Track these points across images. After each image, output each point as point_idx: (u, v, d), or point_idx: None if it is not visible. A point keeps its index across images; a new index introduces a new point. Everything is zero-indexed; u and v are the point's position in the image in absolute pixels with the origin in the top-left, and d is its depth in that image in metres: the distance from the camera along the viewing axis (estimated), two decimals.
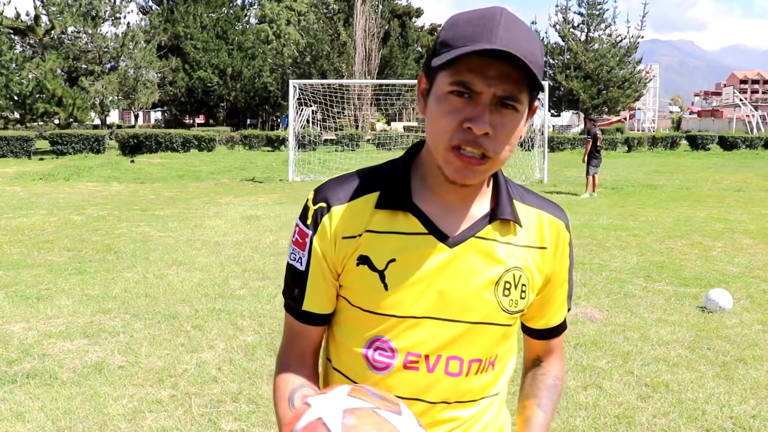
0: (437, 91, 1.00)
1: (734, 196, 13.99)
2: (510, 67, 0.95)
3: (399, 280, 1.05)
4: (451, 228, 1.07)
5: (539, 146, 17.98)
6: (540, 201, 1.17)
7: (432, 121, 1.01)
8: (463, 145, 0.98)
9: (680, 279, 6.57)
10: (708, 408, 3.62)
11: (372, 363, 1.08)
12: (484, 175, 1.02)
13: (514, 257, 1.09)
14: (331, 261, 1.09)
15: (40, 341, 4.55)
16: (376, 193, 1.08)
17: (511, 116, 0.99)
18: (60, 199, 12.15)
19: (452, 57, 0.94)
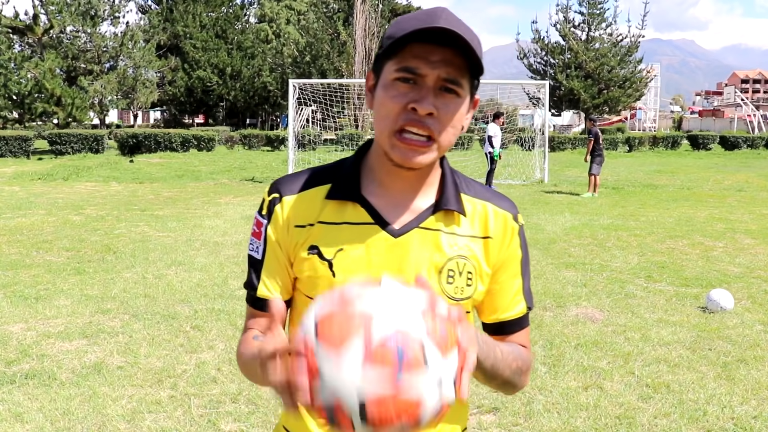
0: (384, 80, 1.06)
1: (736, 196, 13.99)
2: (452, 53, 1.02)
3: (346, 269, 1.11)
4: (397, 218, 1.12)
5: (540, 146, 17.99)
6: (488, 194, 1.20)
7: (378, 108, 1.07)
8: (407, 127, 1.03)
9: (681, 279, 6.57)
10: (709, 409, 3.62)
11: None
12: (428, 158, 1.07)
13: (458, 246, 1.14)
14: (284, 248, 1.15)
15: (38, 342, 4.55)
16: (328, 185, 1.15)
17: (453, 100, 1.05)
18: (59, 199, 12.15)
19: (397, 39, 1.01)
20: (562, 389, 3.85)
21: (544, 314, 5.34)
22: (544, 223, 9.91)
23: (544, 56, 39.04)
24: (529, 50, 39.24)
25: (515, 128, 25.78)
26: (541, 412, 3.54)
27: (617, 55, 37.52)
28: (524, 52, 39.17)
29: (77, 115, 29.16)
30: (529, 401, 3.67)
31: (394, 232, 1.11)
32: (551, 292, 6.00)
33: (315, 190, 1.15)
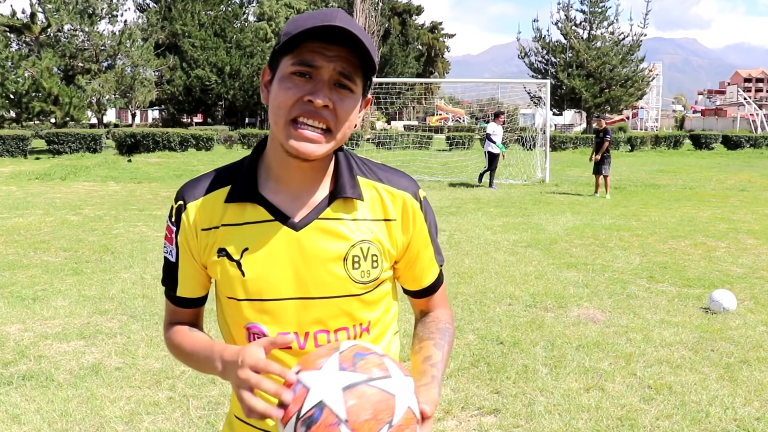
0: (280, 74, 1.11)
1: (738, 196, 13.99)
2: (347, 51, 1.08)
3: (254, 267, 1.16)
4: (296, 213, 1.17)
5: (541, 145, 18.00)
6: (387, 174, 1.23)
7: (273, 100, 1.11)
8: (302, 117, 1.08)
9: (684, 280, 6.57)
10: (712, 410, 3.62)
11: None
12: (323, 148, 1.10)
13: (360, 231, 1.18)
14: (195, 252, 1.22)
15: (36, 342, 4.55)
16: (227, 187, 1.19)
17: (348, 96, 1.10)
18: (56, 199, 12.15)
19: (294, 35, 1.05)
20: (563, 390, 3.85)
21: (545, 315, 5.34)
22: (545, 223, 9.91)
23: (546, 55, 39.04)
24: (530, 49, 39.25)
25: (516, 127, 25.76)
26: (542, 414, 3.54)
27: (619, 53, 37.51)
28: (525, 50, 39.18)
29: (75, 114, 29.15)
30: (530, 403, 3.68)
31: (295, 226, 1.15)
32: (552, 292, 6.00)
33: (216, 194, 1.19)
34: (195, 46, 41.97)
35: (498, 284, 6.25)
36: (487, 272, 6.72)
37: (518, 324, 5.08)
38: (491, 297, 5.82)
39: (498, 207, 11.83)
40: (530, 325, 5.05)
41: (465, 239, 8.55)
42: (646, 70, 39.51)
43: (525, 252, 7.81)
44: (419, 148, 25.70)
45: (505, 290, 6.03)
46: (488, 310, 5.42)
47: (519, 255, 7.63)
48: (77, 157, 22.22)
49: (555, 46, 38.41)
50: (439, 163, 19.32)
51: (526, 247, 8.08)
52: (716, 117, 58.96)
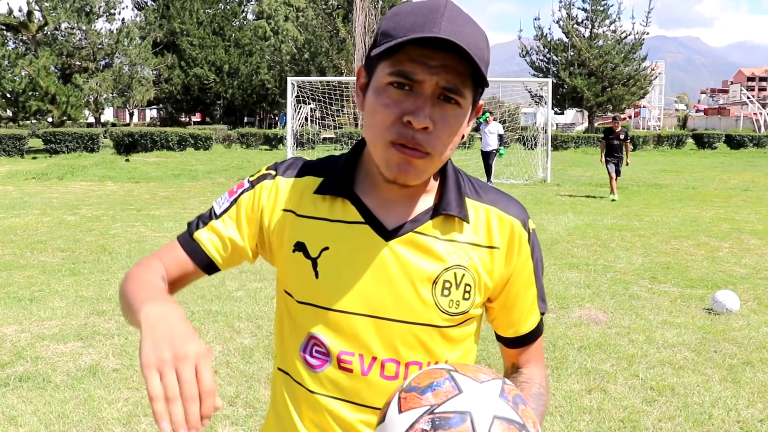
0: (376, 83, 0.98)
1: (741, 196, 13.99)
2: (454, 59, 0.93)
3: (331, 270, 1.04)
4: (391, 221, 1.05)
5: (542, 145, 18.01)
6: (496, 197, 1.11)
7: (370, 115, 0.99)
8: (401, 140, 0.95)
9: (686, 280, 6.57)
10: (714, 412, 3.62)
11: (308, 362, 1.07)
12: (424, 173, 0.99)
13: (457, 255, 1.05)
14: (256, 225, 1.09)
15: (33, 344, 4.55)
16: (320, 179, 1.09)
17: (453, 111, 0.96)
18: (53, 199, 12.15)
19: (393, 45, 0.92)
20: (565, 392, 3.85)
21: (546, 316, 5.33)
22: (546, 224, 9.91)
23: (547, 54, 39.07)
24: (532, 47, 39.27)
25: (518, 127, 25.77)
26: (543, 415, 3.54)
27: (621, 52, 37.53)
28: (526, 49, 39.20)
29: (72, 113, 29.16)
30: None
31: (387, 235, 1.04)
32: (554, 293, 6.00)
33: (308, 180, 1.09)
34: (193, 44, 41.98)
35: None
36: None
37: None
38: None
39: None
40: None
41: None
42: (649, 69, 39.53)
43: None
44: None
45: None
46: None
47: None
48: (74, 156, 22.22)
49: (556, 44, 38.43)
50: None
51: None
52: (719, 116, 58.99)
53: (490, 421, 0.82)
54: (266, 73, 43.38)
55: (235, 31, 44.00)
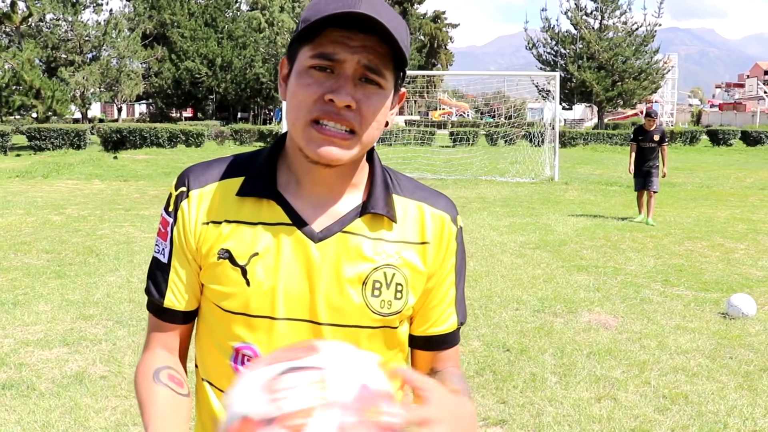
0: (298, 67, 1.01)
1: (758, 195, 13.99)
2: (374, 39, 0.97)
3: (262, 276, 1.04)
4: (318, 221, 1.06)
5: (550, 141, 18.00)
6: (425, 193, 1.14)
7: (291, 97, 1.02)
8: (323, 119, 0.98)
9: (700, 283, 6.57)
10: (730, 421, 3.63)
11: (240, 368, 1.06)
12: (347, 154, 1.00)
13: (386, 254, 1.07)
14: (192, 251, 1.08)
15: (16, 350, 4.55)
16: (241, 178, 1.08)
17: (375, 92, 1.00)
18: (38, 198, 12.15)
19: (312, 23, 0.96)
20: (573, 400, 3.85)
21: (554, 320, 5.34)
22: (554, 224, 9.91)
23: (555, 46, 39.05)
24: (539, 40, 39.26)
25: (524, 123, 25.78)
26: (551, 425, 3.54)
27: (632, 44, 37.51)
28: (533, 41, 39.18)
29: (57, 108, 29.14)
30: (538, 413, 3.68)
31: (314, 236, 1.04)
32: (562, 296, 6.00)
33: (227, 183, 1.08)
34: (184, 36, 41.97)
35: (504, 288, 6.25)
36: (493, 275, 6.73)
37: (526, 330, 5.08)
38: (497, 301, 5.82)
39: (504, 206, 11.83)
40: (538, 332, 5.05)
41: (470, 240, 8.55)
42: (661, 62, 39.50)
43: (533, 254, 7.81)
44: (421, 144, 25.70)
45: (512, 294, 6.03)
46: (494, 316, 5.42)
47: (526, 257, 7.63)
48: (60, 153, 22.22)
49: (564, 36, 38.41)
50: (443, 160, 19.32)
51: (534, 249, 8.08)
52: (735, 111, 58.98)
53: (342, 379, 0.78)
54: (261, 66, 43.37)
55: (228, 22, 44.00)
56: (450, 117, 51.38)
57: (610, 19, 38.11)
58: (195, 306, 1.12)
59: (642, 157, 10.15)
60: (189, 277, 1.10)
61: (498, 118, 24.83)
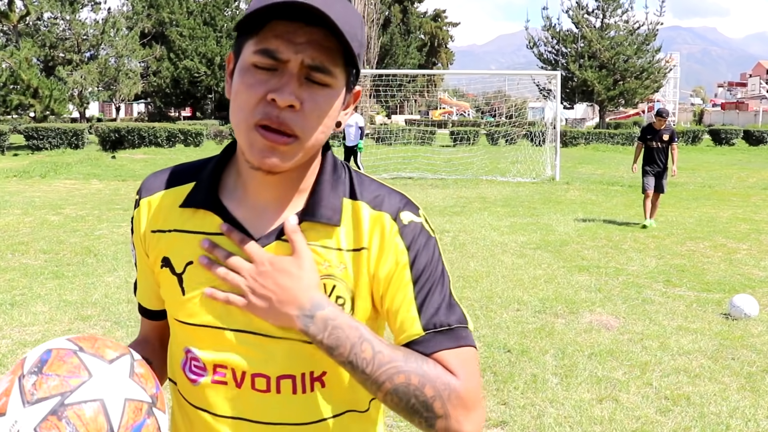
0: (242, 62, 0.95)
1: (761, 195, 13.99)
2: (321, 34, 0.91)
3: (195, 285, 1.03)
4: (259, 228, 1.02)
5: (551, 141, 18.01)
6: (372, 192, 1.05)
7: (234, 97, 0.97)
8: (265, 123, 0.93)
9: (702, 284, 6.57)
10: (732, 422, 3.63)
11: (188, 376, 1.07)
12: (291, 159, 0.96)
13: (328, 263, 1.01)
14: (145, 257, 1.11)
15: (14, 350, 4.55)
16: (190, 185, 1.07)
17: (322, 92, 0.94)
18: (36, 198, 12.15)
19: (256, 9, 0.89)
20: (574, 402, 3.85)
21: (555, 321, 5.34)
22: (555, 224, 9.92)
23: (556, 45, 39.07)
24: (540, 38, 39.29)
25: (525, 122, 25.79)
26: (552, 426, 3.54)
27: (634, 43, 37.54)
28: (534, 40, 39.21)
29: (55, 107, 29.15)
30: (539, 414, 3.68)
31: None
32: (563, 297, 6.00)
33: (175, 191, 1.08)
34: (183, 35, 41.99)
35: (505, 288, 6.25)
36: (494, 276, 6.73)
37: (527, 331, 5.08)
38: (498, 302, 5.82)
39: (505, 206, 11.83)
40: (539, 332, 5.05)
41: (470, 241, 8.55)
42: (663, 61, 39.52)
43: (534, 254, 7.81)
44: (421, 143, 25.72)
45: (513, 295, 6.04)
46: (495, 316, 5.42)
47: (527, 257, 7.63)
48: (58, 153, 22.23)
49: (566, 35, 38.43)
50: (443, 159, 19.33)
51: (535, 249, 8.09)
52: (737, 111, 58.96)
53: (122, 405, 0.86)
54: None
55: (227, 21, 44.00)
56: (450, 116, 51.42)
57: (612, 17, 38.13)
58: (159, 307, 1.14)
59: (651, 157, 9.79)
60: (149, 280, 1.13)
61: (499, 118, 24.87)
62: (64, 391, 0.84)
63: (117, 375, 0.89)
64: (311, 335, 0.96)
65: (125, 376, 0.90)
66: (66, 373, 0.85)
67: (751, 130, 33.25)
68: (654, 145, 9.77)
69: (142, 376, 0.93)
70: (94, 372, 0.87)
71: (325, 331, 0.95)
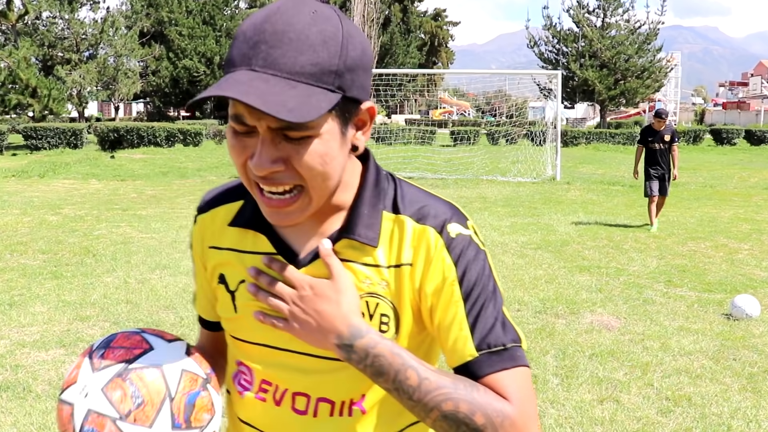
0: (229, 119, 0.92)
1: (762, 195, 14.00)
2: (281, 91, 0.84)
3: (247, 303, 1.04)
4: (304, 247, 1.01)
5: (551, 141, 18.00)
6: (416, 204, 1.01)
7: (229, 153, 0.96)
8: (261, 184, 0.91)
9: (704, 284, 6.57)
10: (734, 423, 3.63)
11: (237, 387, 1.11)
12: (305, 210, 0.93)
13: (369, 281, 0.99)
14: (203, 271, 1.14)
15: (12, 351, 4.55)
16: (239, 203, 1.08)
17: (306, 144, 0.87)
18: (34, 198, 12.15)
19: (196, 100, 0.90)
20: (575, 402, 3.85)
21: (556, 322, 5.34)
22: (556, 224, 9.91)
23: (556, 44, 39.08)
24: (540, 38, 39.29)
25: (525, 122, 25.79)
26: (553, 427, 3.54)
27: (635, 43, 37.54)
28: (535, 39, 39.21)
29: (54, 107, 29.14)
30: (540, 415, 3.68)
31: (299, 264, 1.00)
32: (564, 297, 6.00)
33: (227, 208, 1.09)
34: (182, 34, 41.99)
35: (506, 289, 6.25)
36: None
37: (527, 331, 5.08)
38: None
39: (506, 206, 11.83)
40: (540, 333, 5.05)
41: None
42: (664, 61, 39.53)
43: (534, 254, 7.81)
44: (422, 143, 25.70)
45: (514, 295, 6.04)
46: None
47: (528, 257, 7.63)
48: (57, 153, 22.22)
49: (566, 34, 38.43)
50: (443, 159, 19.32)
51: (535, 249, 8.09)
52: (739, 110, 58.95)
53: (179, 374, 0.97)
54: None
55: (226, 20, 44.01)
56: (451, 116, 51.41)
57: (613, 16, 38.13)
58: (215, 318, 1.17)
59: (653, 160, 9.49)
60: (207, 293, 1.15)
61: (499, 117, 24.85)
62: (128, 358, 0.95)
63: (175, 350, 1.01)
64: (353, 364, 0.95)
65: (182, 353, 1.01)
66: (130, 345, 0.98)
67: (752, 130, 33.25)
68: (656, 146, 9.53)
69: (196, 358, 1.03)
70: (155, 346, 0.99)
71: (366, 360, 0.94)
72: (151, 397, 0.92)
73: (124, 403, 0.91)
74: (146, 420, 0.91)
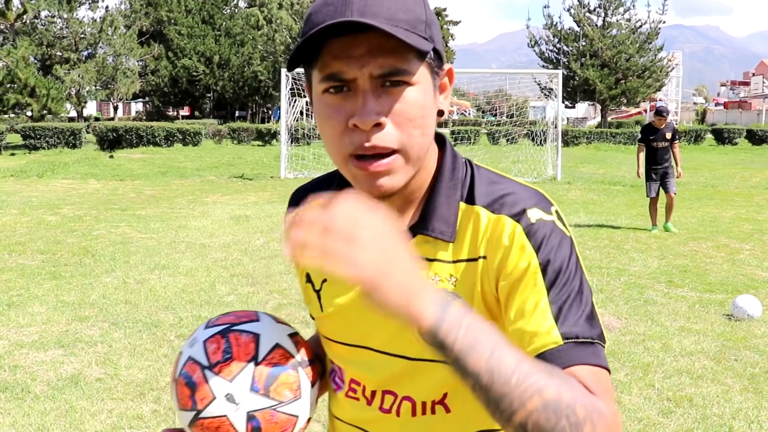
0: (315, 94, 0.91)
1: (764, 195, 14.00)
2: (379, 38, 0.84)
3: (332, 302, 1.05)
4: None
5: (552, 140, 18.00)
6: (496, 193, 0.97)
7: (320, 132, 0.93)
8: (358, 153, 0.88)
9: (705, 284, 6.57)
10: (735, 424, 3.63)
11: (333, 384, 1.13)
12: (401, 176, 0.90)
13: (441, 277, 0.97)
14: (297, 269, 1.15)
15: (11, 352, 4.55)
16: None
17: (404, 92, 0.87)
18: (33, 198, 12.15)
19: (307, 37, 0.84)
20: None
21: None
22: None
23: (557, 43, 39.08)
24: (541, 37, 39.29)
25: (526, 121, 25.79)
26: None
27: (636, 42, 37.54)
28: (535, 38, 39.21)
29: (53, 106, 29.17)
30: None
31: None
32: None
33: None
34: (181, 33, 42.00)
35: None
36: None
37: None
38: None
39: None
40: None
41: None
42: (665, 60, 39.53)
43: None
44: None
45: None
46: None
47: None
48: (55, 152, 22.23)
49: (567, 33, 38.44)
50: None
51: None
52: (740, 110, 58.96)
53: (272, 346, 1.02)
54: (259, 64, 43.39)
55: (225, 19, 44.02)
56: (451, 115, 51.44)
57: (614, 16, 38.13)
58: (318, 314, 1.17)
59: (654, 159, 9.45)
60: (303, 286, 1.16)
61: (500, 117, 24.85)
62: (234, 321, 1.04)
63: (278, 329, 1.06)
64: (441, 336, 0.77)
65: (284, 333, 1.06)
66: (242, 314, 1.07)
67: (754, 130, 33.25)
68: (658, 145, 9.45)
69: (297, 342, 1.06)
70: (263, 320, 1.06)
71: (460, 330, 0.77)
72: (239, 355, 0.99)
73: (215, 355, 1.00)
74: (228, 374, 0.98)
